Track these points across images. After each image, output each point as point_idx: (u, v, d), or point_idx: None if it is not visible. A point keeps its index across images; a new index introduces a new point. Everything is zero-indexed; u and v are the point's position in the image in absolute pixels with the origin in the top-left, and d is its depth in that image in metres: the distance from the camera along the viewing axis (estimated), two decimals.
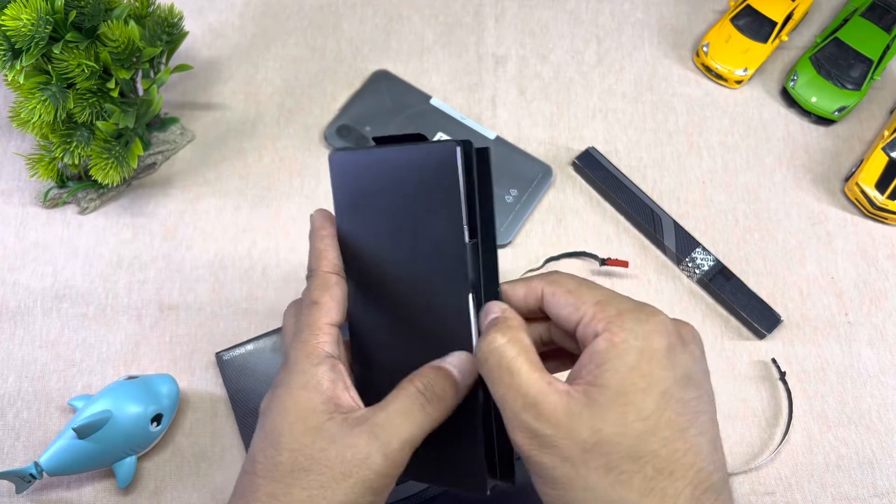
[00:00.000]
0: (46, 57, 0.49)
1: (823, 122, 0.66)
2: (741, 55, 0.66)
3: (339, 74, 0.66)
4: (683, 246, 0.59)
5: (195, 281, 0.57)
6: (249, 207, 0.60)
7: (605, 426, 0.28)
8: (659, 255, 0.60)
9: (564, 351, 0.36)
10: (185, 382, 0.53)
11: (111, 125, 0.52)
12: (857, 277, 0.59)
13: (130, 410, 0.48)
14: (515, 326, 0.32)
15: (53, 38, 0.48)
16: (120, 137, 0.55)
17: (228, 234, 0.59)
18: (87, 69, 0.49)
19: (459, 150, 0.33)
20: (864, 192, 0.61)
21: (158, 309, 0.56)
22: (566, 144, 0.64)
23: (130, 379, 0.50)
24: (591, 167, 0.62)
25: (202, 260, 0.58)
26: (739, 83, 0.67)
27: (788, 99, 0.66)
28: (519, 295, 0.34)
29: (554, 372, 0.31)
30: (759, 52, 0.66)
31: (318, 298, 0.35)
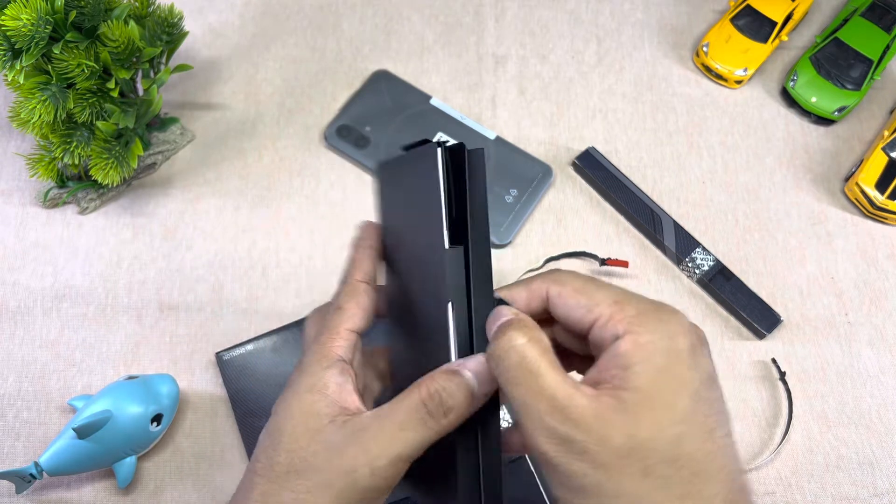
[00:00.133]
0: (46, 57, 0.49)
1: (823, 122, 0.66)
2: (741, 55, 0.66)
3: (339, 74, 0.66)
4: (683, 246, 0.59)
5: (195, 281, 0.57)
6: (249, 207, 0.60)
7: (639, 430, 0.27)
8: (659, 255, 0.60)
9: (567, 353, 0.35)
10: (185, 382, 0.53)
11: (111, 125, 0.52)
12: (857, 277, 0.59)
13: (130, 410, 0.48)
14: (532, 327, 0.30)
15: (53, 38, 0.48)
16: (120, 137, 0.55)
17: (228, 234, 0.59)
18: (87, 69, 0.49)
19: (440, 151, 0.32)
20: (864, 192, 0.61)
21: (158, 309, 0.56)
22: (566, 144, 0.64)
23: (130, 379, 0.50)
24: (591, 167, 0.62)
25: (202, 260, 0.58)
26: (739, 83, 0.67)
27: (788, 99, 0.66)
28: (520, 299, 0.33)
29: None
30: (759, 52, 0.66)
31: (343, 304, 0.35)
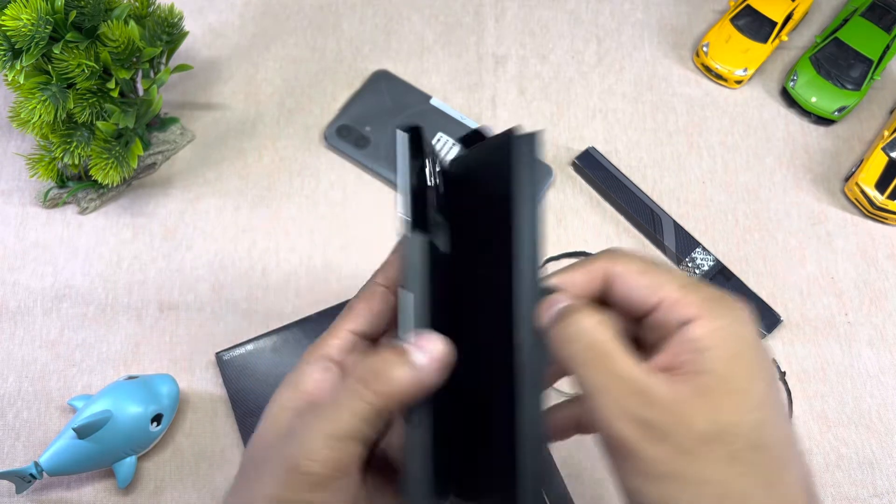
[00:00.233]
0: (46, 57, 0.49)
1: (823, 122, 0.66)
2: (741, 55, 0.66)
3: (339, 74, 0.66)
4: (683, 246, 0.59)
5: (195, 281, 0.57)
6: (249, 207, 0.60)
7: (721, 415, 0.26)
8: (659, 255, 0.60)
9: None
10: (185, 382, 0.53)
11: (111, 125, 0.52)
12: (857, 277, 0.59)
13: (130, 410, 0.48)
14: (599, 310, 0.29)
15: (53, 38, 0.48)
16: (120, 137, 0.55)
17: (228, 234, 0.59)
18: (87, 69, 0.49)
19: (403, 136, 0.32)
20: (864, 192, 0.61)
21: (158, 309, 0.56)
22: (566, 144, 0.64)
23: (130, 379, 0.50)
24: (591, 167, 0.62)
25: (202, 260, 0.58)
26: (739, 83, 0.67)
27: (788, 99, 0.66)
28: (578, 281, 0.31)
29: None
30: (759, 52, 0.66)
31: (353, 304, 0.34)
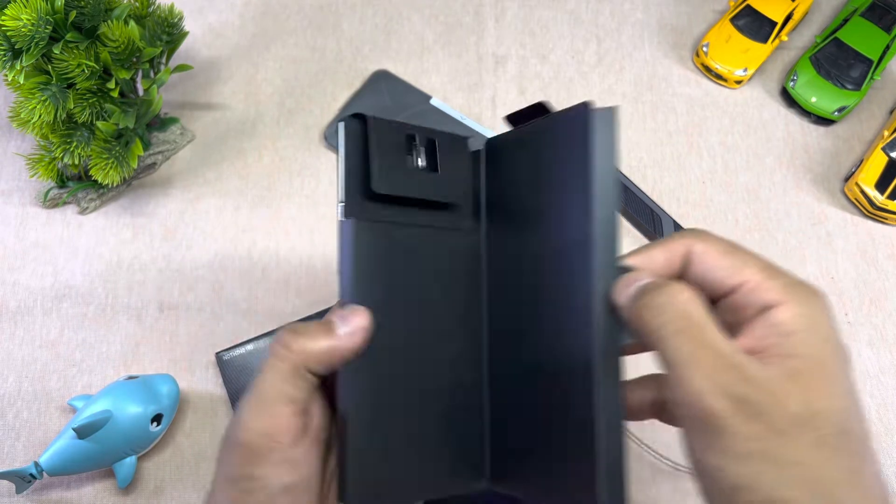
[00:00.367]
0: (46, 57, 0.49)
1: (823, 122, 0.66)
2: (741, 55, 0.66)
3: (339, 74, 0.66)
4: None
5: (195, 281, 0.57)
6: (249, 207, 0.60)
7: (812, 400, 0.26)
8: None
9: None
10: (185, 382, 0.53)
11: (111, 125, 0.52)
12: (857, 277, 0.59)
13: (130, 410, 0.48)
14: (689, 285, 0.28)
15: (53, 38, 0.48)
16: (120, 137, 0.55)
17: (228, 234, 0.59)
18: (87, 69, 0.49)
19: (342, 124, 0.33)
20: (864, 192, 0.61)
21: (158, 309, 0.56)
22: None
23: (130, 379, 0.50)
24: None
25: (202, 260, 0.58)
26: (739, 83, 0.67)
27: (788, 99, 0.66)
28: (657, 259, 0.30)
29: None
30: (759, 52, 0.66)
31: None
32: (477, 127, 0.63)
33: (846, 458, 0.26)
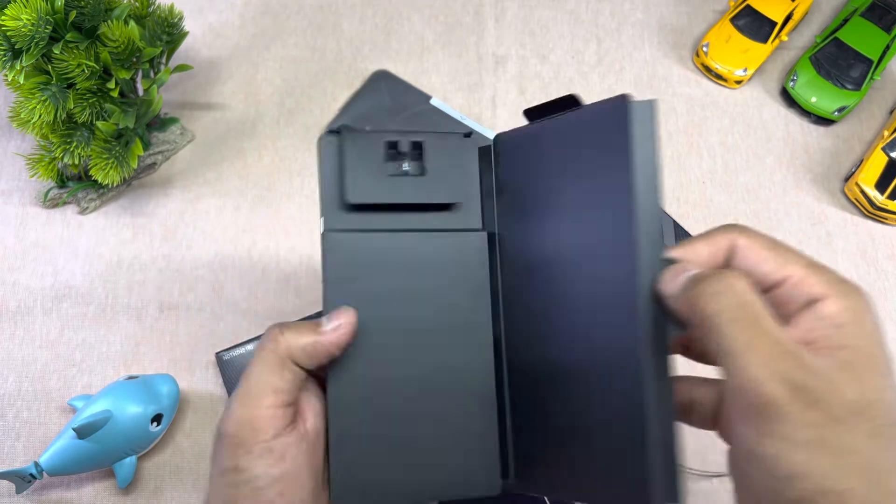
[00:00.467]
0: (46, 57, 0.49)
1: (823, 122, 0.66)
2: (741, 55, 0.66)
3: (339, 74, 0.66)
4: None
5: (195, 281, 0.57)
6: (249, 207, 0.60)
7: (866, 390, 0.26)
8: None
9: None
10: (185, 382, 0.53)
11: (111, 125, 0.52)
12: (856, 277, 0.59)
13: (130, 410, 0.48)
14: (744, 274, 0.29)
15: (53, 38, 0.48)
16: (120, 137, 0.55)
17: (228, 234, 0.59)
18: (87, 69, 0.49)
19: (318, 141, 0.35)
20: (864, 192, 0.61)
21: (158, 309, 0.56)
22: None
23: (130, 379, 0.50)
24: None
25: (202, 260, 0.58)
26: (739, 83, 0.67)
27: (788, 99, 0.66)
28: (702, 252, 0.30)
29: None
30: (759, 52, 0.66)
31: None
32: (477, 127, 0.63)
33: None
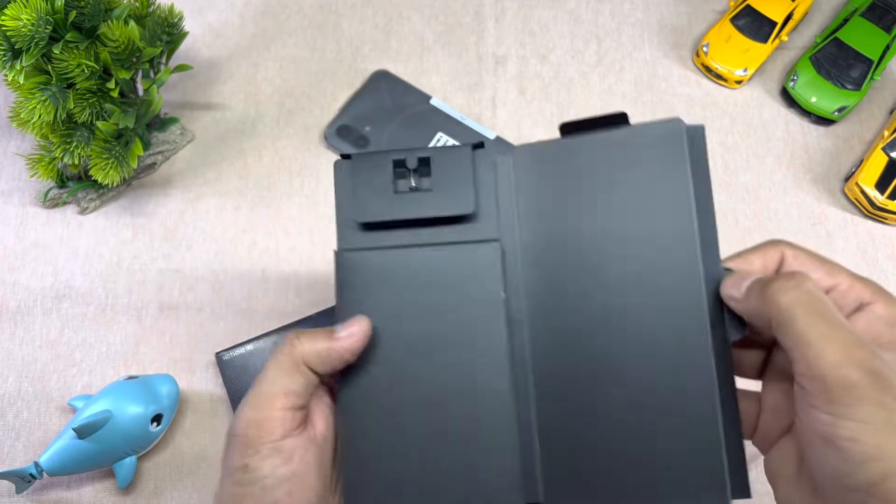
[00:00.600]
0: (46, 57, 0.49)
1: (823, 122, 0.66)
2: (741, 55, 0.66)
3: (339, 74, 0.66)
4: None
5: (195, 281, 0.57)
6: (249, 207, 0.60)
7: None
8: None
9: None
10: (185, 382, 0.53)
11: (111, 125, 0.52)
12: None
13: (130, 410, 0.48)
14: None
15: (53, 38, 0.48)
16: (120, 137, 0.55)
17: (228, 234, 0.59)
18: (87, 69, 0.49)
19: (333, 165, 0.36)
20: (864, 192, 0.61)
21: (158, 309, 0.56)
22: None
23: (130, 379, 0.50)
24: None
25: (202, 260, 0.58)
26: (739, 83, 0.67)
27: (788, 99, 0.66)
28: (756, 263, 0.33)
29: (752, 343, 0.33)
30: (759, 52, 0.66)
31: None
32: (477, 127, 0.63)
33: None
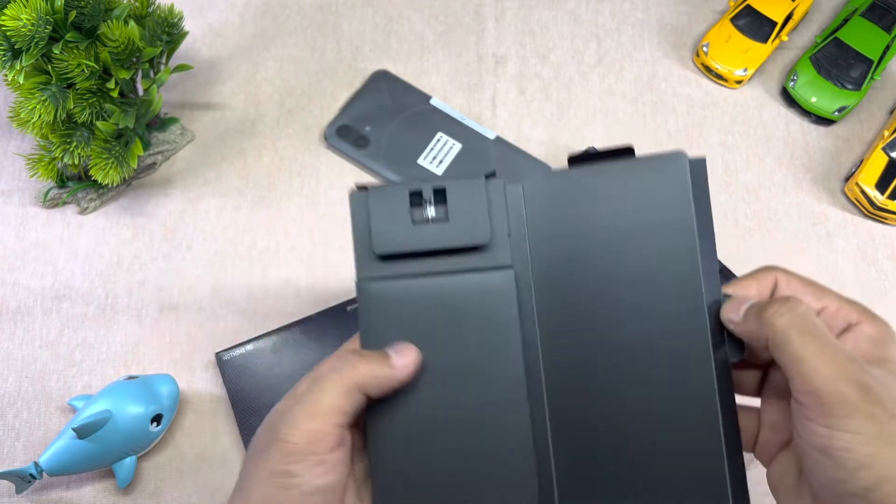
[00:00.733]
0: (46, 57, 0.49)
1: (823, 122, 0.66)
2: (741, 55, 0.66)
3: (339, 74, 0.66)
4: None
5: (195, 281, 0.57)
6: (249, 207, 0.60)
7: None
8: None
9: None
10: (185, 382, 0.53)
11: (111, 125, 0.52)
12: (857, 277, 0.59)
13: (130, 410, 0.48)
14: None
15: (53, 38, 0.48)
16: (120, 137, 0.55)
17: (228, 234, 0.59)
18: (87, 69, 0.49)
19: (349, 197, 0.37)
20: (864, 192, 0.61)
21: (158, 309, 0.56)
22: (566, 144, 0.64)
23: (130, 379, 0.50)
24: None
25: (202, 260, 0.58)
26: (739, 83, 0.67)
27: (788, 99, 0.66)
28: (752, 288, 0.35)
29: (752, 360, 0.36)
30: (759, 52, 0.66)
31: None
32: (477, 127, 0.63)
33: None
